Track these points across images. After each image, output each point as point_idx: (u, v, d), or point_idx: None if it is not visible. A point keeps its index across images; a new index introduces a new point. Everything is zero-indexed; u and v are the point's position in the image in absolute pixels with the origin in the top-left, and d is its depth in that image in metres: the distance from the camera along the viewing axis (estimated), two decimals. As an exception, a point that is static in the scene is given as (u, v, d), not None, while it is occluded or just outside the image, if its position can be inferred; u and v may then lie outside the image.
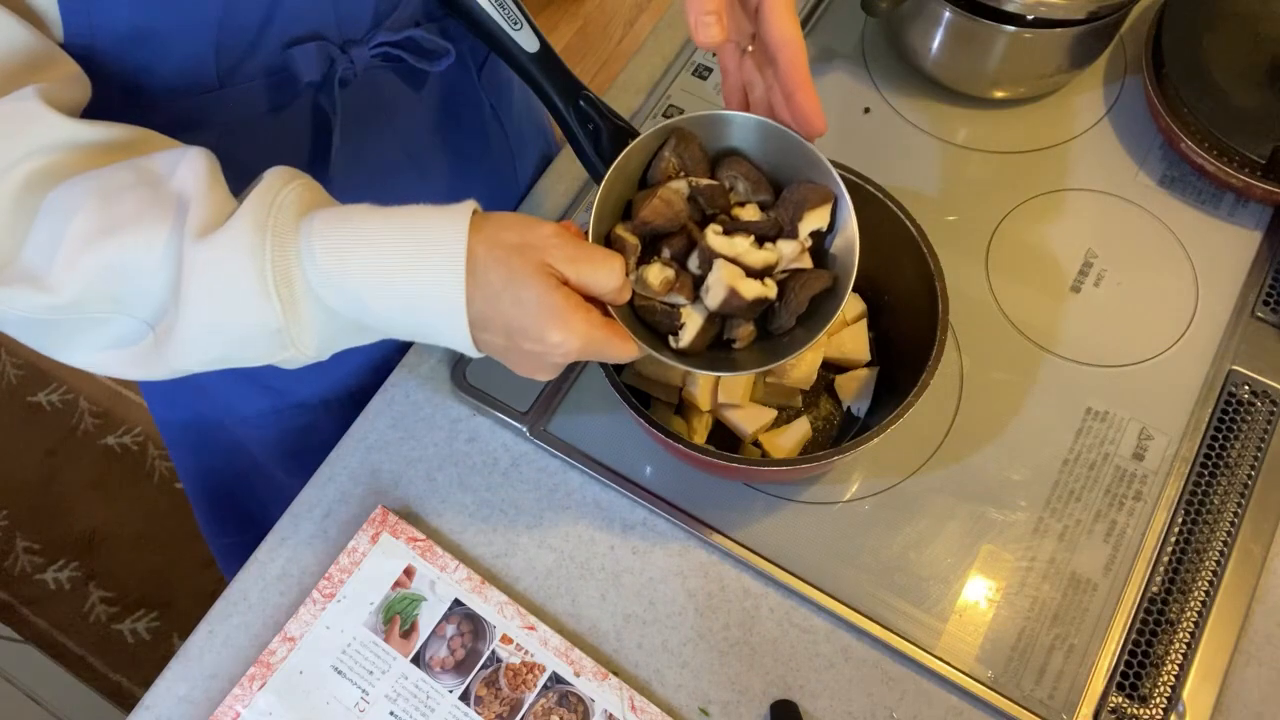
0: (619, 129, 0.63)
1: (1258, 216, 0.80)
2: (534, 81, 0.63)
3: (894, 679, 0.66)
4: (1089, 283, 0.78)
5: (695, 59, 0.88)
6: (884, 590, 0.68)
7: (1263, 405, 0.73)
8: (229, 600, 0.70)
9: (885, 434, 0.62)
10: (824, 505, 0.71)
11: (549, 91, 0.63)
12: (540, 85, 0.63)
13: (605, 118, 0.62)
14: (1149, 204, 0.81)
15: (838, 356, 0.73)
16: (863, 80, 0.88)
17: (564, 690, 0.66)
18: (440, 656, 0.67)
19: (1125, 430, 0.73)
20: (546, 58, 0.62)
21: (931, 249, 0.66)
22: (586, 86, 0.63)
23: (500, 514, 0.72)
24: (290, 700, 0.66)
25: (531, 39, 0.62)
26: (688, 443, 0.63)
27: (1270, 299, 0.77)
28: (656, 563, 0.70)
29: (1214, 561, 0.68)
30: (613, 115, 0.63)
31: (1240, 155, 0.77)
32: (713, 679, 0.67)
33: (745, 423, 0.70)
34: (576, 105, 0.63)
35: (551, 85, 0.63)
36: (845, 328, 0.73)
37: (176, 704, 0.67)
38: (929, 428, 0.73)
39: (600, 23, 2.13)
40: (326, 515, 0.72)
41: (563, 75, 0.63)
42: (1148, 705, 0.64)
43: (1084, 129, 0.85)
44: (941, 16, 0.79)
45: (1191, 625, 0.66)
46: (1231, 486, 0.71)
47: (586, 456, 0.73)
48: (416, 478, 0.73)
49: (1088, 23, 0.77)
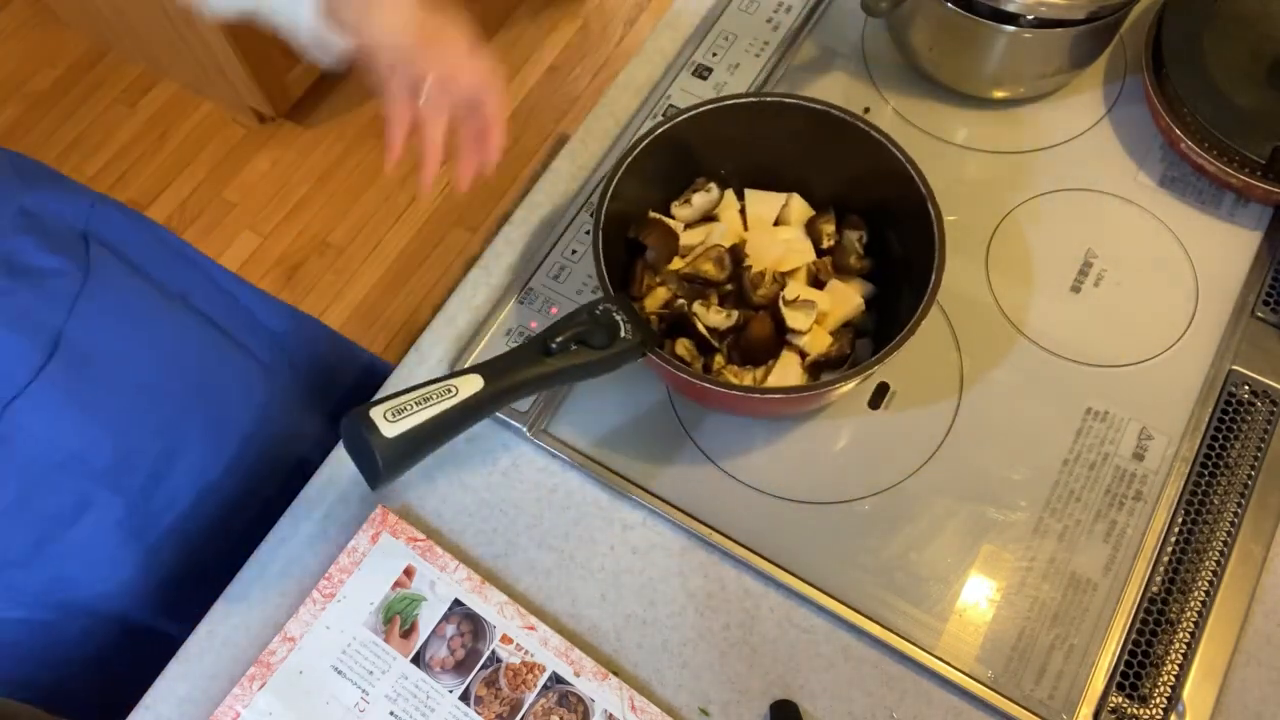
0: (591, 315, 0.63)
1: (1258, 216, 0.80)
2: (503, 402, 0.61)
3: (894, 679, 0.66)
4: (1089, 283, 0.78)
5: (695, 59, 0.88)
6: (884, 590, 0.68)
7: (1263, 405, 0.73)
8: (229, 600, 0.70)
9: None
10: (824, 505, 0.71)
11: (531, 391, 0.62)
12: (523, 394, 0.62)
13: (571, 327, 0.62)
14: (1149, 204, 0.81)
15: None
16: (863, 80, 0.88)
17: (564, 690, 0.66)
18: (440, 656, 0.67)
19: (1125, 430, 0.73)
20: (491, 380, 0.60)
21: (923, 176, 0.68)
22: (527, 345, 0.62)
23: (500, 514, 0.72)
24: (290, 700, 0.66)
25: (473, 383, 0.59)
26: (697, 374, 0.64)
27: (1270, 299, 0.77)
28: (656, 563, 0.70)
29: (1214, 561, 0.68)
30: (576, 320, 0.62)
31: (1240, 155, 0.77)
32: (713, 679, 0.67)
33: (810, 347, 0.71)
34: (548, 352, 0.62)
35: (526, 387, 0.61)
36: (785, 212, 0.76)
37: (176, 704, 0.67)
38: (929, 428, 0.73)
39: (600, 23, 2.13)
40: (326, 515, 0.72)
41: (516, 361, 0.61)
42: (1148, 705, 0.64)
43: (1084, 129, 0.85)
44: (941, 16, 0.79)
45: (1191, 625, 0.66)
46: (1231, 486, 0.71)
47: (586, 456, 0.73)
48: (416, 478, 0.73)
49: (1088, 23, 0.77)
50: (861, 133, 0.69)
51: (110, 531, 0.72)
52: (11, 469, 0.65)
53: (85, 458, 0.68)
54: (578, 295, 0.78)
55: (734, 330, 0.71)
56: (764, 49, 0.88)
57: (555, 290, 0.78)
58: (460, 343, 0.78)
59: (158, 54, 1.99)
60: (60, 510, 0.69)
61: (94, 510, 0.70)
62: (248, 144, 2.01)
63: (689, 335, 0.71)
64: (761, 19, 0.89)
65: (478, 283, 0.80)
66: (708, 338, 0.70)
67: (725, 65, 0.87)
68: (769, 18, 0.89)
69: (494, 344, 0.76)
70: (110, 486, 0.70)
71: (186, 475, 0.75)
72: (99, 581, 0.74)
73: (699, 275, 0.72)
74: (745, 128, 0.73)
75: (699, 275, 0.72)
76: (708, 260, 0.71)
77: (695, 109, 0.72)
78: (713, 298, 0.72)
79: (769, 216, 0.75)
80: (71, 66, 2.09)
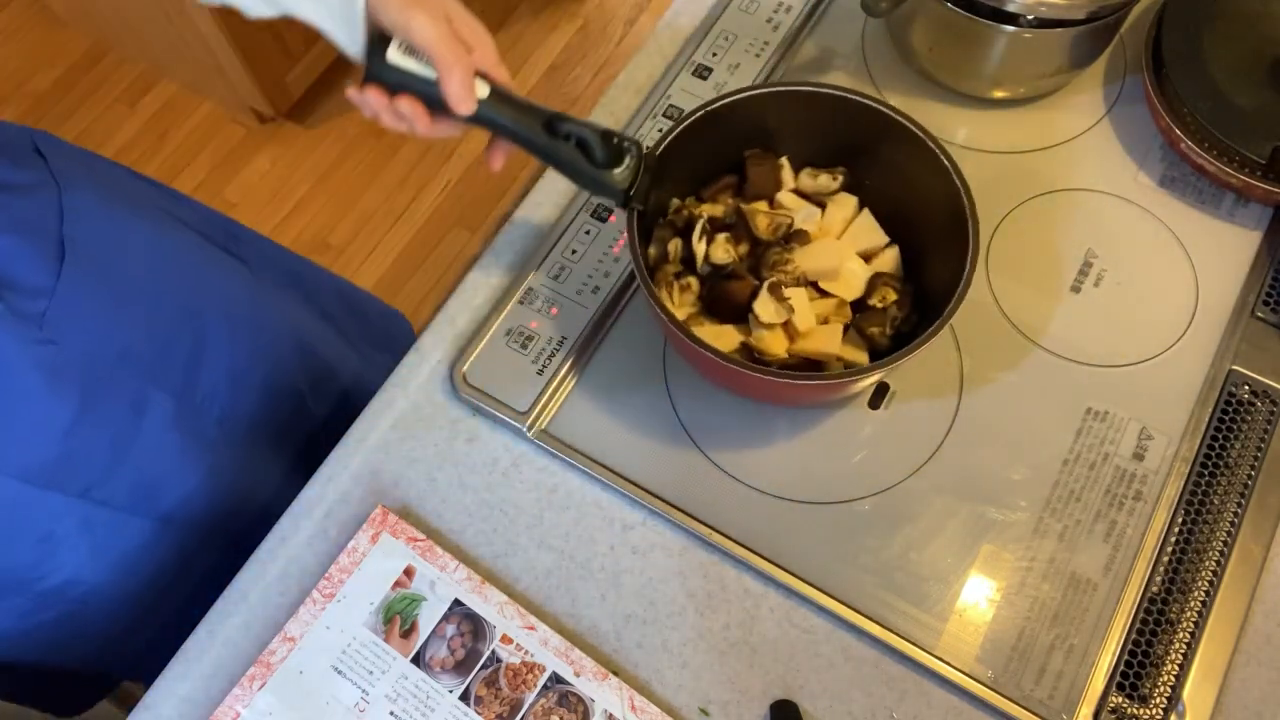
0: (604, 133, 0.64)
1: (1258, 216, 0.80)
2: (494, 124, 0.63)
3: (894, 679, 0.66)
4: (1089, 283, 0.78)
5: (695, 59, 0.88)
6: (884, 590, 0.68)
7: (1263, 405, 0.73)
8: (229, 600, 0.70)
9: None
10: (824, 505, 0.71)
11: (512, 128, 0.63)
12: (502, 125, 0.63)
13: (585, 128, 0.63)
14: (1149, 204, 0.81)
15: (861, 250, 0.73)
16: (863, 80, 0.88)
17: (564, 690, 0.66)
18: (440, 656, 0.67)
19: (1125, 430, 0.73)
20: (498, 97, 0.62)
21: (958, 170, 0.67)
22: (548, 108, 0.63)
23: (500, 514, 0.72)
24: (290, 700, 0.66)
25: (481, 86, 0.62)
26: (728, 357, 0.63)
27: (1270, 299, 0.77)
28: (656, 563, 0.70)
29: (1214, 561, 0.68)
30: (589, 124, 0.64)
31: (1240, 155, 0.77)
32: (713, 679, 0.67)
33: (826, 344, 0.69)
34: (550, 128, 0.63)
35: (512, 120, 0.63)
36: (850, 223, 0.74)
37: (176, 704, 0.67)
38: (929, 427, 0.73)
39: (600, 23, 2.13)
40: (326, 515, 0.72)
41: (521, 108, 0.63)
42: (1148, 705, 0.64)
43: (1084, 129, 0.85)
44: (941, 16, 0.79)
45: (1191, 625, 0.66)
46: (1231, 486, 0.71)
47: (586, 457, 0.73)
48: (416, 478, 0.73)
49: (1088, 23, 0.77)
50: (916, 139, 0.69)
51: (170, 429, 0.74)
52: (71, 375, 0.67)
53: (130, 353, 0.71)
54: (578, 295, 0.78)
55: (719, 274, 0.71)
56: (764, 49, 0.88)
57: (555, 290, 0.78)
58: (460, 342, 0.78)
59: (158, 54, 1.99)
60: (122, 411, 0.71)
61: (150, 409, 0.73)
62: (248, 144, 2.01)
63: (685, 241, 0.72)
64: (761, 19, 0.89)
65: (478, 283, 0.80)
66: (695, 256, 0.71)
67: (725, 65, 0.87)
68: (769, 18, 0.89)
69: (494, 344, 0.76)
70: (156, 383, 0.73)
71: (218, 363, 0.79)
72: (175, 486, 0.77)
73: (751, 223, 0.71)
74: (809, 116, 0.73)
75: (751, 223, 0.71)
76: (769, 223, 0.71)
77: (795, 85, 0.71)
78: (734, 242, 0.72)
79: (850, 235, 0.74)
80: (71, 66, 2.09)
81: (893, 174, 0.71)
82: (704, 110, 0.70)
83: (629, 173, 0.66)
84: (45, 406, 0.67)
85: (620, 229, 0.80)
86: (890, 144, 0.70)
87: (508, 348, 0.76)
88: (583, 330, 0.76)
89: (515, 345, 0.76)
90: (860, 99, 0.69)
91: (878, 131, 0.70)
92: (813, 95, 0.71)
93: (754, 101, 0.71)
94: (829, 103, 0.71)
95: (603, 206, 0.81)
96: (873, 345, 0.70)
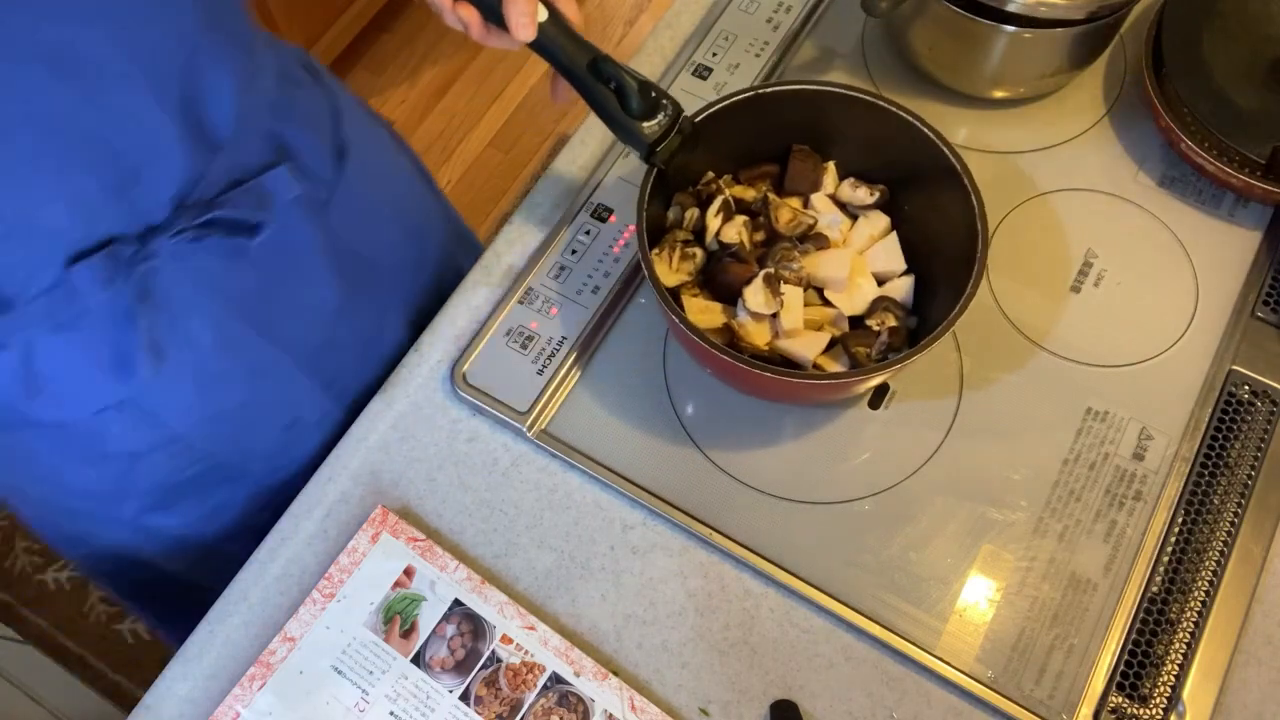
0: (644, 84, 0.65)
1: (1258, 216, 0.80)
2: (545, 50, 0.64)
3: (894, 679, 0.66)
4: (1089, 283, 0.78)
5: (695, 59, 0.88)
6: (884, 590, 0.68)
7: (1263, 405, 0.73)
8: (229, 600, 0.70)
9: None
10: (824, 505, 0.71)
11: (561, 58, 0.64)
12: (552, 53, 0.64)
13: (626, 75, 0.64)
14: (1149, 204, 0.81)
15: (877, 271, 0.73)
16: (863, 80, 0.88)
17: (564, 690, 0.66)
18: (440, 656, 0.67)
19: (1125, 430, 0.73)
20: (555, 25, 0.64)
21: (964, 165, 0.67)
22: (596, 49, 0.64)
23: (500, 514, 0.72)
24: (290, 700, 0.66)
25: (540, 9, 0.63)
26: (735, 354, 0.63)
27: (1270, 299, 0.77)
28: (656, 563, 0.70)
29: (1214, 561, 0.68)
30: (632, 72, 0.65)
31: (1240, 155, 0.77)
32: (713, 679, 0.67)
33: (806, 350, 0.69)
34: (594, 68, 0.65)
35: (562, 51, 0.64)
36: (876, 243, 0.73)
37: (176, 704, 0.67)
38: (929, 428, 0.73)
39: (600, 23, 2.13)
40: (327, 515, 0.72)
41: (574, 41, 0.64)
42: (1148, 705, 0.64)
43: (1084, 129, 0.85)
44: (941, 16, 0.79)
45: (1191, 625, 0.66)
46: (1231, 486, 0.71)
47: (586, 456, 0.73)
48: (416, 478, 0.73)
49: (1088, 23, 0.77)
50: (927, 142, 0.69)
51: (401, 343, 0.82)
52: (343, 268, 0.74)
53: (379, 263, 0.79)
54: (578, 295, 0.78)
55: (725, 253, 0.71)
56: (764, 49, 0.88)
57: (555, 290, 0.78)
58: (460, 342, 0.78)
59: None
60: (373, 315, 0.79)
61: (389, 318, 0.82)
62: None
63: (703, 214, 0.72)
64: (761, 19, 0.89)
65: (478, 283, 0.80)
66: (706, 229, 0.72)
67: (725, 65, 0.87)
68: (769, 18, 0.89)
69: (494, 344, 0.76)
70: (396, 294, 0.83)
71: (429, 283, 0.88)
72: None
73: (773, 214, 0.71)
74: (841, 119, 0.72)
75: (773, 214, 0.71)
76: (791, 218, 0.71)
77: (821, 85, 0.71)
78: (751, 228, 0.72)
79: (871, 253, 0.73)
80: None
81: (931, 210, 0.70)
82: (754, 92, 0.70)
83: (659, 129, 0.66)
84: (322, 292, 0.73)
85: (620, 229, 0.80)
86: (938, 182, 0.68)
87: (508, 347, 0.76)
88: (583, 330, 0.76)
89: (515, 345, 0.76)
90: (930, 132, 0.68)
91: (931, 166, 0.68)
92: (882, 110, 0.69)
93: (815, 98, 0.71)
94: (895, 123, 0.69)
95: (603, 206, 0.81)
96: (855, 364, 0.69)
